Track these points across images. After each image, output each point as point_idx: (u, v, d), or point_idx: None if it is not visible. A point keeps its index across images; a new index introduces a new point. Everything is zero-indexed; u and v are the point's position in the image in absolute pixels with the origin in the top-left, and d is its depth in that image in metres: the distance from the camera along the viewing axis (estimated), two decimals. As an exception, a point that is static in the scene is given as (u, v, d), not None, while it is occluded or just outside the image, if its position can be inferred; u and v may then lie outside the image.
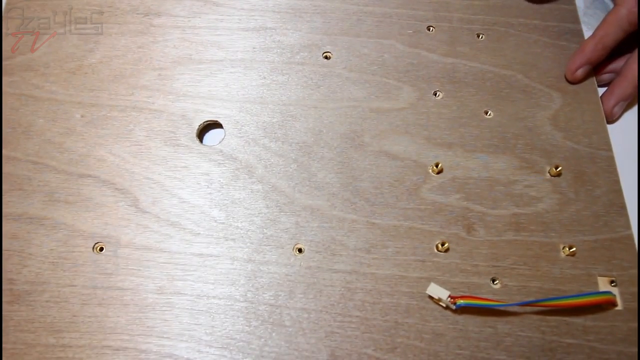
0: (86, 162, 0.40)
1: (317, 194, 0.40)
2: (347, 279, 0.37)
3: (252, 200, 0.39)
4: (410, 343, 0.35)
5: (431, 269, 0.37)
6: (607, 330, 0.35)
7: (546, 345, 0.35)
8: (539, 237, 0.38)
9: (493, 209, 0.39)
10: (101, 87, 0.44)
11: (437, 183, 0.40)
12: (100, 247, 0.37)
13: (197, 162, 0.41)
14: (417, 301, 0.36)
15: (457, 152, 0.42)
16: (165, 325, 0.35)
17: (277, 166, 0.41)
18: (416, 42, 0.48)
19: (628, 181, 0.41)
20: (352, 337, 0.35)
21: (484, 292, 0.36)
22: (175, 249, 0.37)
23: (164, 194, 0.39)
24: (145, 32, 0.47)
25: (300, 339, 0.35)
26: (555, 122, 0.43)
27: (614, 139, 0.43)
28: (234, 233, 0.38)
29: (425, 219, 0.39)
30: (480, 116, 0.44)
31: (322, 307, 0.36)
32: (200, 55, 0.46)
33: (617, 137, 0.43)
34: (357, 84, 0.45)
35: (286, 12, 0.49)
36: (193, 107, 0.43)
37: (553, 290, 0.37)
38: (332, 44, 0.47)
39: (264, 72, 0.45)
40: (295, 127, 0.42)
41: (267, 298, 0.36)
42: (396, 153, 0.42)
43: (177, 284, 0.36)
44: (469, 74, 0.46)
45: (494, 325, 0.35)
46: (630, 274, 0.37)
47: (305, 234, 0.38)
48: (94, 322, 0.35)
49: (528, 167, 0.41)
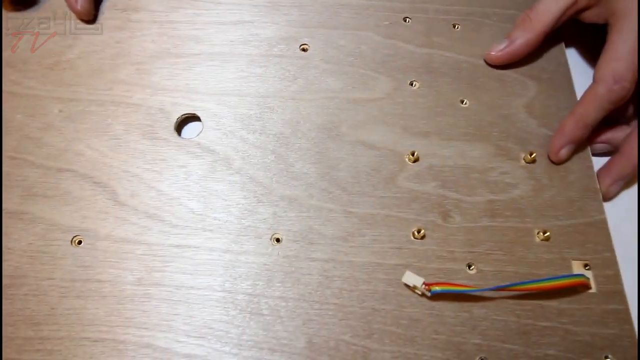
0: (64, 157, 0.40)
1: (295, 184, 0.40)
2: (325, 267, 0.37)
3: (230, 191, 0.39)
4: (387, 329, 0.35)
5: (408, 256, 0.37)
6: (581, 313, 0.36)
7: (521, 329, 0.35)
8: (514, 223, 0.39)
9: (469, 196, 0.40)
10: (79, 82, 0.44)
11: (413, 171, 0.41)
12: (79, 240, 0.37)
13: (175, 155, 0.41)
14: (394, 288, 0.36)
15: (433, 140, 0.42)
16: (144, 316, 0.35)
17: (254, 157, 0.41)
18: (393, 33, 0.48)
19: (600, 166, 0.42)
20: (330, 324, 0.35)
21: (460, 277, 0.37)
22: (154, 240, 0.37)
23: (142, 187, 0.39)
24: (124, 27, 0.47)
25: (278, 327, 0.35)
26: (530, 110, 0.44)
27: None
28: (212, 224, 0.38)
29: (402, 207, 0.39)
30: (456, 105, 0.44)
31: (300, 296, 0.36)
32: (178, 49, 0.46)
33: None
34: (334, 75, 0.45)
35: (264, 6, 0.49)
36: (171, 101, 0.43)
37: (528, 275, 0.37)
38: (309, 37, 0.47)
39: (241, 65, 0.45)
40: (273, 118, 0.43)
41: (245, 287, 0.36)
42: (373, 143, 0.42)
43: (155, 275, 0.36)
44: (445, 64, 0.46)
45: (470, 310, 0.36)
46: (604, 257, 0.38)
47: (283, 223, 0.38)
48: (72, 315, 0.35)
49: (503, 155, 0.42)
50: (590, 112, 0.40)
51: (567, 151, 0.41)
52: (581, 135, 0.41)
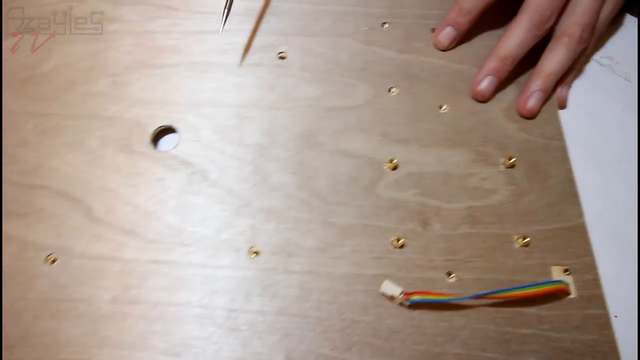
0: (39, 173, 0.40)
1: (273, 195, 0.40)
2: (304, 279, 0.37)
3: (207, 204, 0.39)
4: (367, 341, 0.35)
5: (387, 265, 0.37)
6: (562, 319, 0.35)
7: (501, 337, 0.35)
8: (494, 229, 0.39)
9: (448, 203, 0.40)
10: (54, 96, 0.43)
11: (392, 179, 0.40)
12: (53, 259, 0.37)
13: (151, 168, 0.40)
14: (374, 299, 0.36)
15: (413, 147, 0.42)
16: (120, 335, 0.35)
17: (232, 169, 0.41)
18: (371, 39, 0.48)
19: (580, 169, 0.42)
20: (309, 337, 0.35)
21: (440, 286, 0.37)
22: (130, 257, 0.37)
23: (118, 202, 0.39)
24: (99, 39, 0.47)
25: (257, 343, 0.35)
26: (509, 114, 0.43)
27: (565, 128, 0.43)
28: (189, 238, 0.38)
29: (381, 215, 0.39)
30: (435, 111, 0.44)
31: (279, 309, 0.36)
32: (155, 60, 0.46)
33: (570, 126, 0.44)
34: (312, 83, 0.45)
35: (241, 14, 0.48)
36: (147, 113, 0.43)
37: (508, 282, 0.37)
38: (287, 44, 0.47)
39: (219, 75, 0.45)
40: (251, 129, 0.42)
41: (223, 302, 0.36)
42: (352, 151, 0.42)
43: (131, 293, 0.36)
44: (424, 70, 0.46)
45: (450, 319, 0.35)
46: (584, 262, 0.37)
47: (261, 236, 0.38)
48: (47, 336, 0.34)
49: (482, 160, 0.41)
50: (557, 63, 0.43)
51: (450, 39, 0.47)
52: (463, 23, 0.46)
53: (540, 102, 0.43)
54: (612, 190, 0.43)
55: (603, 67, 0.49)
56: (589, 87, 0.48)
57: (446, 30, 0.46)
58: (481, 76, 0.44)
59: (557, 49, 0.43)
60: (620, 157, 0.44)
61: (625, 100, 0.47)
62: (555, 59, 0.43)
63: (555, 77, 0.43)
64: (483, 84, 0.43)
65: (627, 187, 0.42)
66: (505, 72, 0.44)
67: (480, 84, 0.44)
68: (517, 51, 0.43)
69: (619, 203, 0.42)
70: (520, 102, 0.44)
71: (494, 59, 0.43)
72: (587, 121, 0.46)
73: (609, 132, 0.45)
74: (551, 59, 0.43)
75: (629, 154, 0.44)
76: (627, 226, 0.41)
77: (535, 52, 0.44)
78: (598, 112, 0.47)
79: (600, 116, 0.46)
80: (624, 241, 0.40)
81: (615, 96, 0.47)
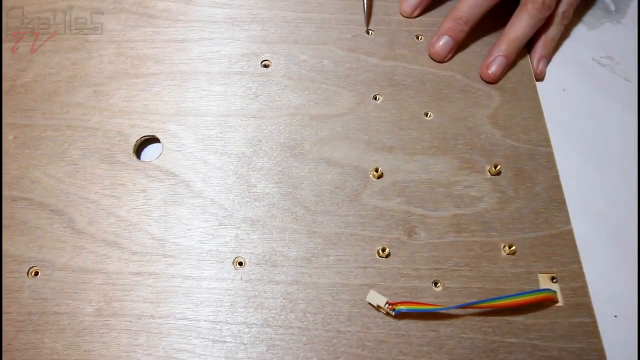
0: (20, 185, 0.39)
1: (257, 205, 0.39)
2: (289, 290, 0.36)
3: (191, 215, 0.39)
4: (353, 352, 0.34)
5: (373, 275, 0.37)
6: (548, 328, 0.35)
7: (488, 346, 0.35)
8: (480, 237, 0.38)
9: (434, 211, 0.39)
10: (35, 106, 0.43)
11: (377, 188, 0.40)
12: (35, 272, 0.36)
13: (134, 179, 0.40)
14: (359, 309, 0.36)
15: (398, 155, 0.42)
16: (104, 348, 0.34)
17: (215, 179, 0.40)
18: (355, 46, 0.47)
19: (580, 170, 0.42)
20: (294, 349, 0.34)
21: (426, 295, 0.36)
22: (113, 269, 0.37)
23: (100, 213, 0.38)
24: (80, 48, 0.46)
25: (241, 355, 0.34)
26: (495, 121, 0.43)
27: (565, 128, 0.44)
28: (173, 249, 0.37)
29: (367, 225, 0.39)
30: (420, 118, 0.44)
31: (264, 321, 0.35)
32: (137, 69, 0.45)
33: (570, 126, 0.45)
34: (296, 91, 0.45)
35: (223, 22, 0.48)
36: (130, 123, 0.42)
37: (495, 290, 0.37)
38: (270, 52, 0.47)
39: (201, 84, 0.45)
40: (234, 138, 0.42)
41: (207, 314, 0.35)
42: (336, 159, 0.41)
43: (115, 305, 0.35)
44: (408, 76, 0.46)
45: (436, 328, 0.35)
46: (570, 270, 0.37)
47: (245, 246, 0.38)
48: (29, 349, 0.34)
49: (468, 167, 0.41)
50: (520, 29, 0.46)
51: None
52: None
53: (502, 66, 0.45)
54: (612, 190, 0.43)
55: (603, 67, 0.49)
56: (589, 87, 0.48)
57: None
58: (436, 37, 0.46)
59: (520, 15, 0.45)
60: (620, 157, 0.44)
61: (625, 100, 0.47)
62: (518, 25, 0.45)
63: (518, 43, 0.45)
64: (438, 44, 0.46)
65: (627, 187, 0.43)
66: (460, 32, 0.46)
67: (435, 44, 0.46)
68: (470, 12, 0.45)
69: (619, 203, 0.42)
70: (483, 67, 0.46)
71: (449, 20, 0.46)
72: (587, 121, 0.46)
73: (609, 132, 0.45)
74: (514, 26, 0.45)
75: (629, 154, 0.44)
76: (627, 226, 0.41)
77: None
78: (598, 112, 0.47)
79: (600, 116, 0.46)
80: (624, 241, 0.40)
81: (615, 96, 0.47)
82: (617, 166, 0.43)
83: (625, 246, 0.40)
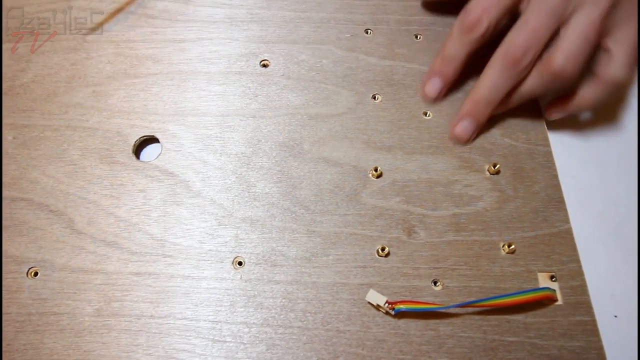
0: (19, 185, 0.39)
1: (257, 205, 0.39)
2: (288, 289, 0.36)
3: (190, 215, 0.39)
4: (352, 351, 0.34)
5: (372, 274, 0.37)
6: (548, 326, 0.35)
7: (488, 345, 0.35)
8: (479, 236, 0.38)
9: (433, 211, 0.39)
10: (33, 107, 0.43)
11: (377, 187, 0.40)
12: (35, 272, 0.36)
13: (133, 179, 0.40)
14: (359, 308, 0.36)
15: (397, 155, 0.42)
16: (104, 348, 0.34)
17: (215, 179, 0.40)
18: (354, 46, 0.47)
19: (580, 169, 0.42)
20: (294, 348, 0.34)
21: (426, 294, 0.36)
22: (112, 269, 0.37)
23: (100, 214, 0.38)
24: (79, 49, 0.46)
25: (241, 354, 0.34)
26: (494, 120, 0.43)
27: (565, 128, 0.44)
28: (172, 249, 0.37)
29: (366, 224, 0.39)
30: (419, 117, 0.44)
31: (263, 320, 0.35)
32: (135, 69, 0.45)
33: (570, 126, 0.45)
34: (295, 91, 0.45)
35: (222, 22, 0.48)
36: (129, 123, 0.42)
37: (494, 289, 0.37)
38: (269, 52, 0.47)
39: (200, 84, 0.45)
40: (233, 138, 0.42)
41: (207, 314, 0.35)
42: (336, 159, 0.41)
43: (114, 305, 0.35)
44: (407, 76, 0.46)
45: (436, 328, 0.35)
46: (570, 268, 0.37)
47: (244, 246, 0.38)
48: (29, 350, 0.34)
49: (467, 167, 0.41)
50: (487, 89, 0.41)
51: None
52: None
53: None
54: (612, 190, 0.43)
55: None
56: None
57: (431, 83, 0.44)
58: (456, 120, 0.42)
59: (486, 72, 0.41)
60: (620, 157, 0.44)
61: (625, 101, 0.47)
62: (486, 82, 0.40)
63: (484, 104, 0.41)
64: (458, 128, 0.42)
65: (627, 187, 0.43)
66: (481, 115, 0.41)
67: (456, 128, 0.42)
68: (490, 94, 0.40)
69: (619, 203, 0.42)
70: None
71: (468, 102, 0.42)
72: (587, 121, 0.46)
73: (609, 132, 0.45)
74: (481, 82, 0.41)
75: (629, 154, 0.44)
76: (627, 226, 0.41)
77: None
78: (598, 111, 0.47)
79: (600, 116, 0.46)
80: (624, 241, 0.40)
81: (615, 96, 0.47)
82: (617, 166, 0.43)
83: (625, 246, 0.40)
